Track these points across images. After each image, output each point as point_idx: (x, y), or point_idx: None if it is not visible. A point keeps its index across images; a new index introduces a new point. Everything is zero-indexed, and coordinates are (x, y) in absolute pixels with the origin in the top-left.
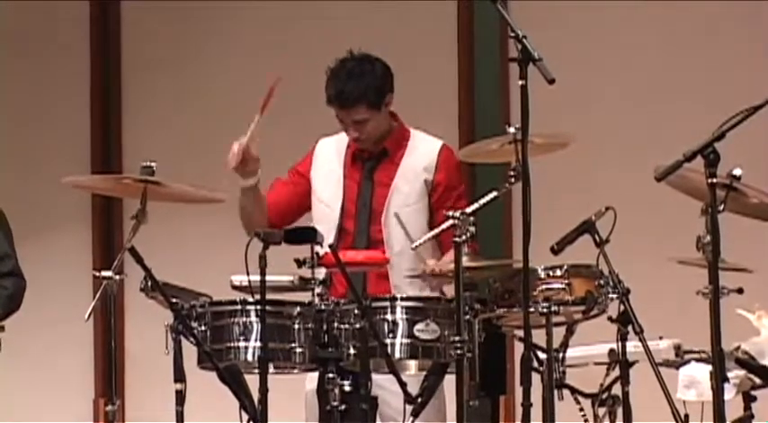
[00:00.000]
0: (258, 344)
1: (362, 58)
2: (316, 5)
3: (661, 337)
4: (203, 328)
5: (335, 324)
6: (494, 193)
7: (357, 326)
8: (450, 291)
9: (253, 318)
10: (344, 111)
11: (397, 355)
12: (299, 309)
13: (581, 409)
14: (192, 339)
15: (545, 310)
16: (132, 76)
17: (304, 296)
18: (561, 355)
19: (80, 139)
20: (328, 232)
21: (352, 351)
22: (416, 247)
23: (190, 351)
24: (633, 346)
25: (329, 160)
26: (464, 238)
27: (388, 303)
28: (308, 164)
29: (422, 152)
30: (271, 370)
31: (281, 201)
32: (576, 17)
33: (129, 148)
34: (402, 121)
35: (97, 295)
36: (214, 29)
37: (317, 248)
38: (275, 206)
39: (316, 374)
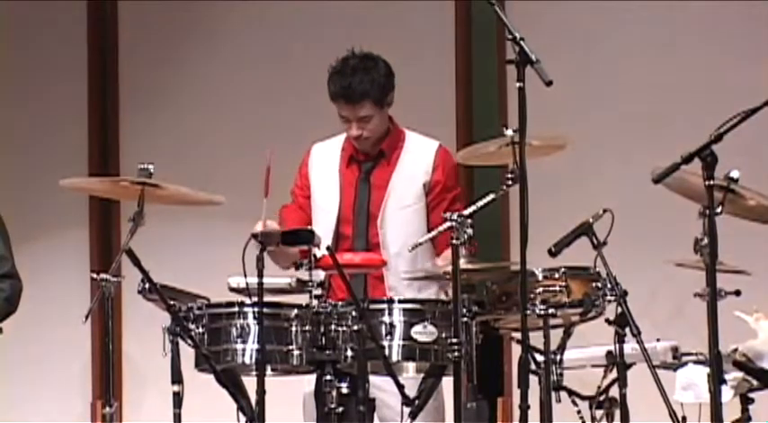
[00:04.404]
0: (255, 346)
1: (365, 56)
2: (314, 6)
3: (658, 340)
4: (201, 330)
5: (333, 326)
6: (491, 196)
7: (354, 328)
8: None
9: (250, 320)
10: (350, 106)
11: (395, 357)
12: (296, 311)
13: (578, 412)
14: (189, 341)
15: (542, 312)
16: (130, 78)
17: (301, 299)
18: (559, 357)
19: (78, 141)
20: (326, 237)
21: (349, 353)
22: (413, 249)
23: (187, 353)
24: (631, 348)
25: (325, 165)
26: (461, 240)
27: (385, 306)
28: (306, 176)
29: (418, 153)
30: (268, 372)
31: None
32: (573, 18)
33: (126, 150)
34: (396, 123)
35: (95, 297)
36: (212, 30)
37: (315, 250)
38: None
39: (315, 377)
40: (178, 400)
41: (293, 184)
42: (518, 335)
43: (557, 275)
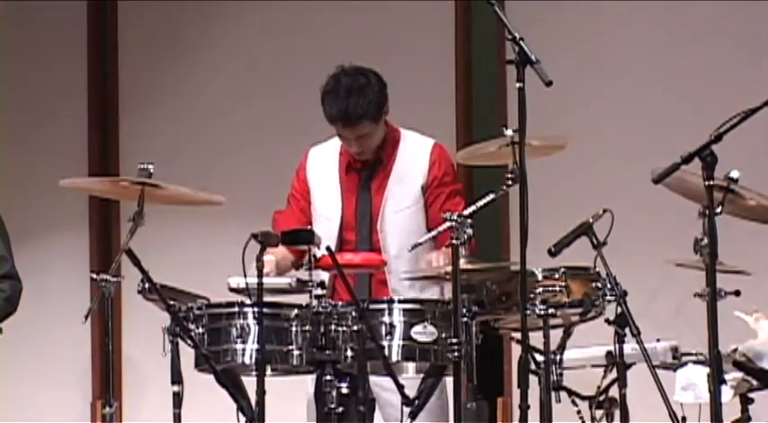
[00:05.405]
0: (255, 346)
1: (356, 73)
2: (313, 7)
3: (658, 340)
4: (200, 330)
5: (333, 326)
6: (491, 196)
7: (354, 328)
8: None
9: (250, 320)
10: (348, 128)
11: (395, 357)
12: (296, 311)
13: (578, 412)
14: (189, 341)
15: (542, 312)
16: (129, 78)
17: (302, 299)
18: (559, 357)
19: (77, 141)
20: (329, 243)
21: (349, 353)
22: (412, 248)
23: (187, 353)
24: (630, 348)
25: (323, 171)
26: (461, 240)
27: (385, 306)
28: (304, 181)
29: (414, 153)
30: (268, 372)
31: None
32: (573, 18)
33: (126, 150)
34: (392, 124)
35: (95, 297)
36: (212, 30)
37: (315, 250)
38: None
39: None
40: (178, 400)
41: (291, 188)
42: (518, 335)
43: (557, 275)
